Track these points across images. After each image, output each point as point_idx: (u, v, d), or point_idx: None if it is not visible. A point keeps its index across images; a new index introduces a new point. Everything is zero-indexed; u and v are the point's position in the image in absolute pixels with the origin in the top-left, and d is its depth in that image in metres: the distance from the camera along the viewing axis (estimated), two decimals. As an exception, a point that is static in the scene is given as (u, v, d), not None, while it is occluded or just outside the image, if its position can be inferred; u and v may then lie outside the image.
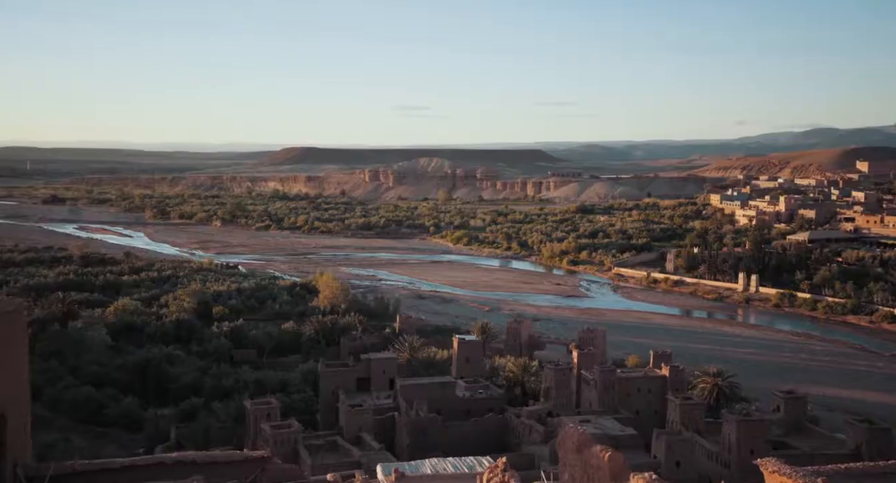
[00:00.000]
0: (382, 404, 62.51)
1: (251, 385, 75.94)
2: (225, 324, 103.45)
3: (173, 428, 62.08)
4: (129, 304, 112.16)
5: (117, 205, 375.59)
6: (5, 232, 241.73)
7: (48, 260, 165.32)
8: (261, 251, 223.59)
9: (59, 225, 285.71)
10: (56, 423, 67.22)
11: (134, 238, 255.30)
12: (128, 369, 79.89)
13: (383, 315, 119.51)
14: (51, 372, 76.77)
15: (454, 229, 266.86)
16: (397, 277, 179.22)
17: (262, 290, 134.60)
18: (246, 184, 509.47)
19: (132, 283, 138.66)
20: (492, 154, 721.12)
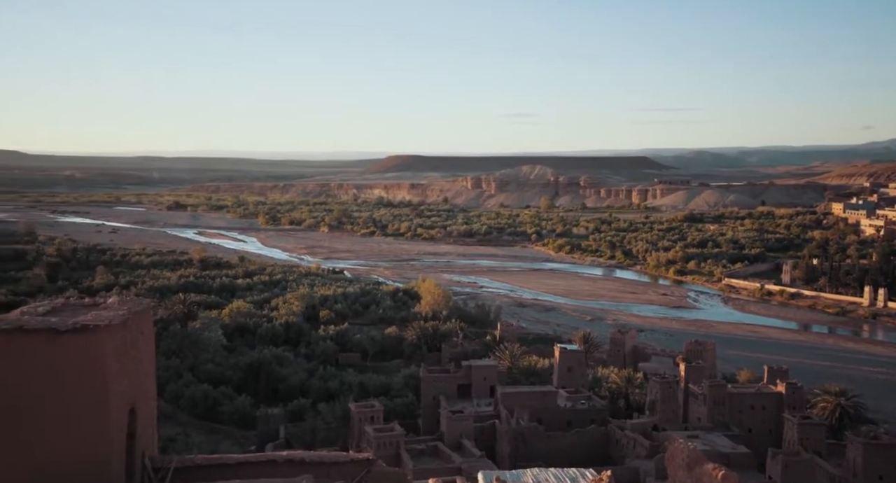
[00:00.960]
0: (483, 411, 62.50)
1: (355, 388, 77.87)
2: (331, 327, 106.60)
3: (282, 427, 64.47)
4: (242, 306, 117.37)
5: (233, 211, 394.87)
6: (134, 236, 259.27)
7: (171, 263, 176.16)
8: (365, 257, 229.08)
9: (180, 230, 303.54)
10: (177, 418, 71.34)
11: (247, 243, 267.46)
12: (241, 369, 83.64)
13: (484, 322, 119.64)
14: (172, 369, 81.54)
15: (556, 237, 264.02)
16: (498, 285, 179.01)
17: (366, 295, 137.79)
18: (352, 191, 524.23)
19: (245, 287, 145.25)
20: (596, 161, 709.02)
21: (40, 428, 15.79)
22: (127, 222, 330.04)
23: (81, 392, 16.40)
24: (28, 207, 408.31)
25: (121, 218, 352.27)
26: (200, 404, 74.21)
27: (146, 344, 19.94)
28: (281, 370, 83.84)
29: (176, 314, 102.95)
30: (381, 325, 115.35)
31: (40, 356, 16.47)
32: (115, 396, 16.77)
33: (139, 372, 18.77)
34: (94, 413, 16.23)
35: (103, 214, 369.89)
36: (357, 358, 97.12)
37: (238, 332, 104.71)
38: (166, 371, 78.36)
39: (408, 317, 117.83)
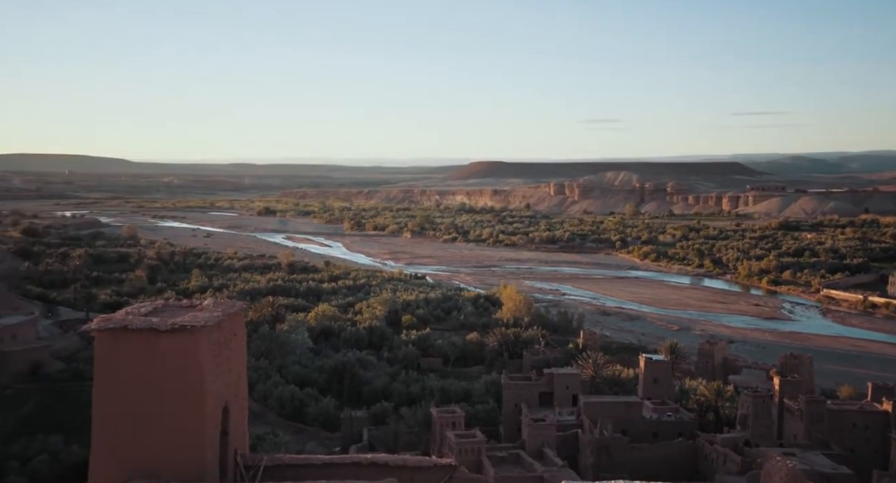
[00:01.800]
0: (565, 420, 61.57)
1: (437, 393, 78.21)
2: (413, 332, 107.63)
3: (366, 430, 65.41)
4: (327, 309, 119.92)
5: (319, 216, 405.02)
6: (227, 241, 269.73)
7: (260, 267, 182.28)
8: (447, 263, 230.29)
9: (270, 235, 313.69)
10: (265, 418, 73.54)
11: (333, 248, 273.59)
12: (326, 371, 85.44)
13: (566, 330, 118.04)
14: (261, 370, 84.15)
15: (641, 244, 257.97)
16: (581, 292, 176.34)
17: (447, 300, 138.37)
18: (435, 197, 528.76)
19: (331, 291, 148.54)
20: (684, 167, 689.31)
21: (141, 422, 16.55)
22: (220, 227, 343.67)
23: (179, 389, 17.10)
24: (131, 212, 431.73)
25: (215, 223, 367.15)
26: (288, 405, 76.23)
27: (238, 345, 20.65)
28: (364, 373, 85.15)
29: (265, 316, 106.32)
30: (462, 330, 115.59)
31: (142, 354, 17.28)
32: (210, 395, 17.41)
33: (232, 372, 19.44)
34: (191, 410, 16.90)
35: (199, 219, 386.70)
36: (438, 363, 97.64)
37: (323, 335, 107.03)
38: (255, 371, 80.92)
39: (489, 323, 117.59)
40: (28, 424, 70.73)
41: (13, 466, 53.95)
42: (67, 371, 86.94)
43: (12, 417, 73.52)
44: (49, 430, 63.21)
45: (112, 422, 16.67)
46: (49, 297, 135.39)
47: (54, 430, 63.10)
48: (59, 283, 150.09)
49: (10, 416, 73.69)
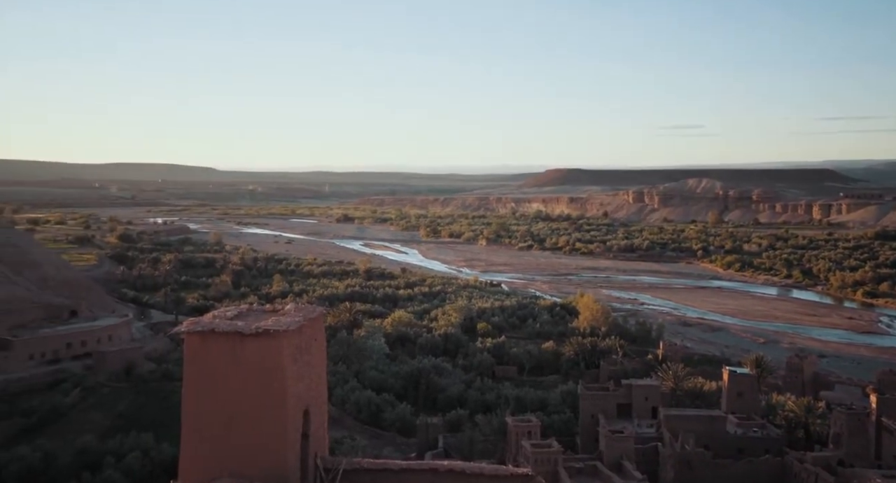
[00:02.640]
0: (645, 433, 60.01)
1: (512, 401, 77.68)
2: (488, 340, 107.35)
3: (441, 436, 65.58)
4: (403, 316, 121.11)
5: (396, 224, 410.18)
6: (307, 247, 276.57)
7: (339, 273, 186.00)
8: (523, 270, 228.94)
9: (348, 241, 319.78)
10: (343, 422, 74.75)
11: (409, 255, 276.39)
12: (402, 377, 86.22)
13: (645, 340, 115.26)
14: (339, 375, 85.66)
15: (725, 254, 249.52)
16: (660, 302, 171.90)
17: (523, 308, 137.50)
18: (510, 205, 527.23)
19: (407, 297, 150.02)
20: (770, 174, 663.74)
21: (227, 423, 17.07)
22: (301, 233, 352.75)
23: (262, 392, 17.55)
24: (217, 219, 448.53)
25: (295, 229, 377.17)
26: (364, 410, 77.26)
27: (319, 349, 21.04)
28: (439, 380, 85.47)
29: (343, 322, 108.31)
30: (537, 339, 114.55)
31: (228, 357, 17.82)
32: (291, 398, 17.79)
33: (312, 376, 19.82)
34: (273, 412, 17.30)
35: (280, 226, 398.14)
36: (514, 371, 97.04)
37: (399, 341, 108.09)
38: (333, 376, 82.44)
39: (565, 332, 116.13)
40: (122, 421, 74.30)
41: (109, 462, 56.68)
42: (158, 371, 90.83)
43: (108, 414, 77.40)
44: (141, 428, 66.12)
45: (200, 421, 17.25)
46: (142, 300, 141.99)
47: (146, 428, 65.96)
48: (151, 286, 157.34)
49: (106, 413, 77.60)
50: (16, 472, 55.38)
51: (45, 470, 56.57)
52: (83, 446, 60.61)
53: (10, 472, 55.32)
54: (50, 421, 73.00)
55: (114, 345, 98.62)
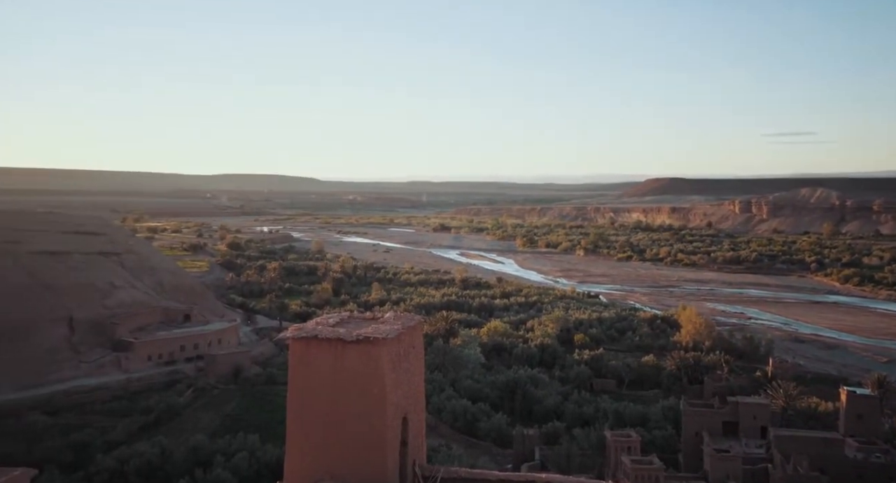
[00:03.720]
0: (753, 453, 57.16)
1: (611, 415, 75.90)
2: (585, 352, 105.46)
3: (537, 448, 64.82)
4: (499, 325, 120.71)
5: (492, 233, 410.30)
6: (404, 256, 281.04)
7: (435, 282, 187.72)
8: (621, 282, 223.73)
9: (444, 251, 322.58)
10: (439, 430, 75.21)
11: (505, 264, 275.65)
12: (498, 387, 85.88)
13: (752, 356, 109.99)
14: (435, 383, 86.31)
15: (842, 267, 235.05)
16: (770, 317, 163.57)
17: (622, 320, 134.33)
18: (609, 215, 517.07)
19: (503, 307, 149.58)
20: (893, 183, 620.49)
21: (329, 427, 17.49)
22: (398, 242, 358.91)
23: (362, 398, 17.89)
24: (319, 228, 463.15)
25: (393, 238, 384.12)
26: (460, 418, 77.44)
27: (417, 357, 21.24)
28: (536, 391, 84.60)
29: (439, 330, 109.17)
30: (637, 352, 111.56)
31: (330, 363, 18.28)
32: (390, 405, 18.04)
33: (411, 383, 20.04)
34: (373, 418, 17.60)
35: (379, 235, 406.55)
36: (612, 385, 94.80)
37: (495, 350, 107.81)
38: (429, 384, 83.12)
39: (666, 345, 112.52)
40: (230, 422, 77.70)
41: (219, 460, 59.39)
42: (263, 375, 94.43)
43: (218, 415, 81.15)
44: (248, 429, 68.92)
45: (303, 425, 17.75)
46: (248, 305, 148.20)
47: (252, 429, 68.71)
48: (257, 293, 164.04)
49: (216, 414, 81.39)
50: (136, 467, 58.91)
51: (161, 466, 59.86)
52: (195, 444, 63.77)
53: (132, 466, 58.90)
54: (166, 419, 77.29)
55: (223, 348, 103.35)
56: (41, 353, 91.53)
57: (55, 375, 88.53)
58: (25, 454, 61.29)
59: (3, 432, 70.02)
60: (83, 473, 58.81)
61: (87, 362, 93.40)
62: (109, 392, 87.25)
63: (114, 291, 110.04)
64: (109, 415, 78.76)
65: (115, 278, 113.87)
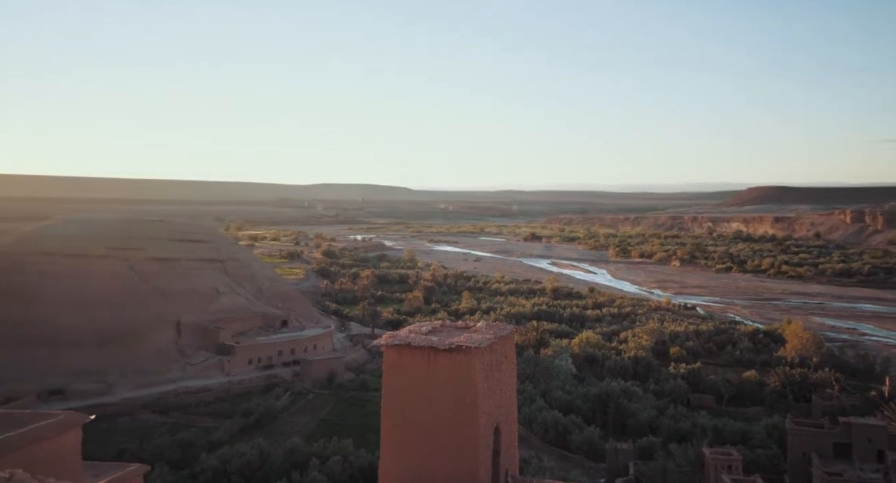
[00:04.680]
0: (869, 478, 53.54)
1: (709, 432, 73.03)
2: (681, 365, 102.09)
3: (632, 463, 63.13)
4: (591, 336, 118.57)
5: (584, 243, 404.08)
6: (494, 265, 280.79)
7: (525, 291, 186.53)
8: (720, 294, 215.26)
9: (535, 260, 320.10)
10: (529, 442, 74.47)
11: (597, 275, 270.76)
12: (590, 399, 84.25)
13: (866, 374, 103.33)
14: (525, 393, 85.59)
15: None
16: (887, 333, 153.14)
17: (721, 334, 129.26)
18: (707, 224, 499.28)
19: (594, 318, 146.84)
20: None
21: (422, 434, 17.66)
22: (489, 251, 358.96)
23: (454, 406, 17.96)
24: (411, 236, 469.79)
25: (483, 247, 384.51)
26: (551, 430, 76.41)
27: (509, 367, 21.17)
28: (629, 405, 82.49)
29: (529, 340, 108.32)
30: (737, 367, 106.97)
31: (423, 370, 18.47)
32: (482, 414, 18.04)
33: (503, 393, 19.97)
34: (465, 426, 17.64)
35: (469, 244, 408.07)
36: (710, 400, 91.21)
37: (587, 362, 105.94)
38: (520, 394, 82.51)
39: (769, 361, 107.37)
40: (325, 426, 79.74)
41: (315, 463, 61.03)
42: (356, 381, 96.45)
43: (313, 419, 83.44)
44: (342, 434, 70.50)
45: (397, 431, 17.99)
46: (342, 312, 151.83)
47: (346, 434, 70.23)
48: (351, 300, 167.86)
49: (311, 418, 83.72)
50: (238, 467, 61.33)
51: (260, 466, 62.05)
52: (292, 447, 65.78)
53: (234, 466, 61.37)
54: (264, 421, 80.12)
55: (318, 354, 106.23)
56: (152, 354, 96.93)
57: (164, 376, 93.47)
58: (138, 450, 65.00)
59: (118, 429, 74.51)
60: (189, 471, 61.69)
61: (193, 364, 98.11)
62: (212, 393, 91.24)
63: (217, 297, 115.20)
64: (213, 415, 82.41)
65: (219, 284, 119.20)
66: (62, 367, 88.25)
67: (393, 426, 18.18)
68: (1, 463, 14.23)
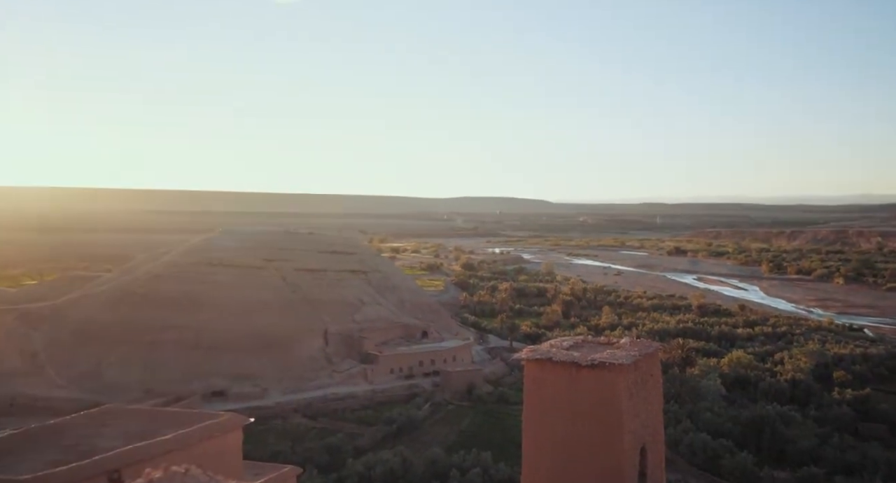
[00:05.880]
0: None
1: (881, 465, 66.56)
2: (847, 391, 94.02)
3: (789, 494, 58.80)
4: (742, 356, 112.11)
5: (734, 258, 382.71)
6: (636, 280, 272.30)
7: (669, 307, 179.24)
8: (892, 314, 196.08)
9: (679, 275, 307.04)
10: (675, 464, 71.17)
11: (748, 291, 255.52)
12: (741, 423, 79.44)
13: None
14: (671, 414, 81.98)
15: None
16: None
17: (893, 358, 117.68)
18: (876, 239, 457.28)
19: (746, 336, 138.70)
20: None
21: (565, 451, 17.40)
22: (630, 266, 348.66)
23: (598, 424, 17.57)
24: (549, 250, 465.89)
25: (624, 261, 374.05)
26: (699, 454, 72.64)
27: (655, 386, 20.44)
28: (787, 431, 76.87)
29: (674, 358, 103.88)
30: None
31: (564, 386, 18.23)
32: (627, 433, 17.51)
33: (649, 413, 19.29)
34: (610, 445, 17.20)
35: (609, 258, 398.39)
36: (883, 430, 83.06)
37: (738, 383, 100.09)
38: (665, 414, 78.82)
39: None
40: (464, 438, 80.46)
41: (455, 475, 61.73)
42: (495, 394, 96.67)
43: (453, 430, 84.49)
44: (482, 446, 70.81)
45: (539, 447, 17.85)
46: (480, 325, 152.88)
47: (485, 447, 70.46)
48: (489, 312, 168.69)
49: (451, 429, 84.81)
50: (380, 474, 63.23)
51: (403, 475, 63.60)
52: (433, 457, 66.87)
53: (377, 472, 63.37)
54: (406, 430, 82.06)
55: (457, 365, 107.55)
56: (303, 361, 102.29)
57: (313, 383, 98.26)
58: (290, 453, 68.62)
59: (272, 431, 79.09)
60: (336, 476, 64.29)
61: (339, 372, 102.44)
62: (357, 401, 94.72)
63: (362, 307, 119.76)
64: (357, 422, 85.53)
65: (363, 295, 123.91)
66: (224, 371, 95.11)
67: (534, 442, 18.06)
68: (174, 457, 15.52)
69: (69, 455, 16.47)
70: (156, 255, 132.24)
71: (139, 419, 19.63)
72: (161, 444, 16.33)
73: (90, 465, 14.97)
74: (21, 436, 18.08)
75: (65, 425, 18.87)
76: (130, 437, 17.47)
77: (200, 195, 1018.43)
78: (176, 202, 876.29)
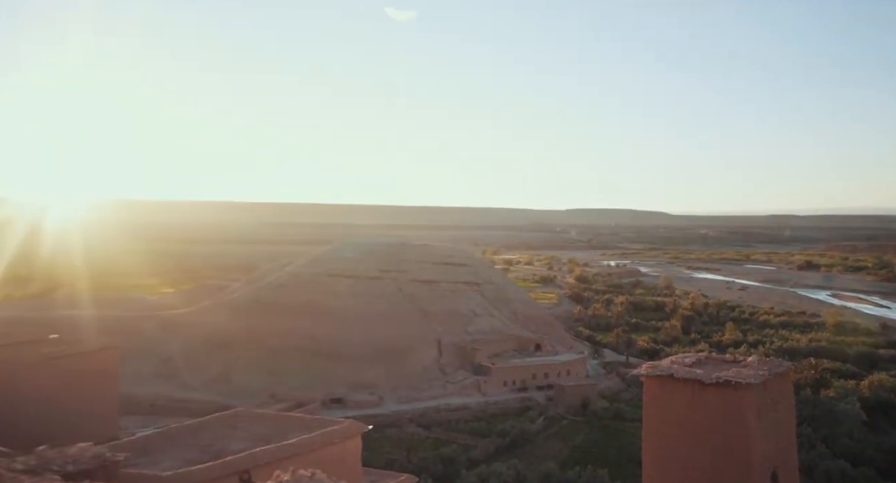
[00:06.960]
0: None
1: None
2: None
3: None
4: (885, 379, 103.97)
5: (874, 273, 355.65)
6: (763, 295, 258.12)
7: (800, 325, 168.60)
8: None
9: (811, 291, 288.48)
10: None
11: (892, 309, 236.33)
12: (885, 451, 73.47)
13: None
14: (803, 438, 76.93)
15: None
16: None
17: None
18: None
19: (889, 358, 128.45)
20: None
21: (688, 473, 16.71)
22: (755, 280, 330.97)
23: (723, 446, 16.77)
24: (667, 263, 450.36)
25: (750, 276, 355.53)
26: (836, 481, 67.74)
27: (787, 408, 19.30)
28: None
29: (806, 379, 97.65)
30: None
31: (686, 404, 17.54)
32: (756, 455, 16.62)
33: (780, 436, 18.22)
34: (736, 469, 16.37)
35: (733, 272, 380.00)
36: None
37: (880, 408, 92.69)
38: (797, 439, 74.39)
39: None
40: (578, 454, 78.94)
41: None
42: (610, 409, 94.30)
43: (567, 445, 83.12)
44: (597, 463, 69.22)
45: (660, 468, 17.27)
46: (595, 339, 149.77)
47: (601, 464, 68.82)
48: (604, 326, 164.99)
49: (565, 444, 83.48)
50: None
51: (515, 488, 63.20)
52: (547, 472, 66.02)
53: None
54: (519, 443, 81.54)
55: (571, 379, 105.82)
56: (418, 371, 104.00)
57: (427, 392, 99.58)
58: (405, 461, 69.77)
59: (388, 440, 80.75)
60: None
61: (453, 383, 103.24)
62: (470, 412, 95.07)
63: (475, 319, 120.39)
64: (471, 433, 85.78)
65: (476, 306, 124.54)
66: (343, 378, 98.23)
67: (655, 463, 17.47)
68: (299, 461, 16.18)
69: (204, 455, 17.54)
70: (280, 265, 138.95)
71: (266, 423, 20.60)
72: (287, 447, 17.06)
73: (223, 464, 15.86)
74: (163, 435, 19.42)
75: (200, 426, 20.10)
76: (258, 440, 18.38)
77: (323, 208, 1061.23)
78: (300, 214, 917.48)
